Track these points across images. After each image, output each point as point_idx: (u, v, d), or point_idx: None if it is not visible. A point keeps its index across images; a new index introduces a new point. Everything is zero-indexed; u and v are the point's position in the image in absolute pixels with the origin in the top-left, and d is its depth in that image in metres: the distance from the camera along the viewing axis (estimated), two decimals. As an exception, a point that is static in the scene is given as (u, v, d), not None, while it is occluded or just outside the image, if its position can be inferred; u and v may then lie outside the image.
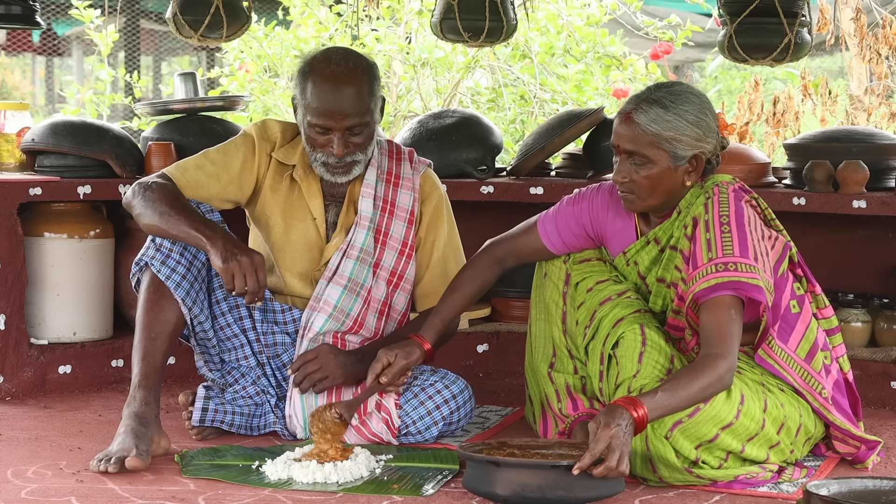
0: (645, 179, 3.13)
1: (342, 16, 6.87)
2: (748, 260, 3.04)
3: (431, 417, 3.36)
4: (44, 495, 2.91)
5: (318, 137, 3.36)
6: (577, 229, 3.36)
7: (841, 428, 3.24)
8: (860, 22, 7.00)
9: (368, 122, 3.37)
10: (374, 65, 3.43)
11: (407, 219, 3.53)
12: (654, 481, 3.04)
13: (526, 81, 6.77)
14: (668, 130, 3.09)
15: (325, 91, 3.33)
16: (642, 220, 3.29)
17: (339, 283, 3.45)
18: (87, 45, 12.36)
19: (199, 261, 3.34)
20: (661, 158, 3.11)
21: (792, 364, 3.19)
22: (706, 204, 3.14)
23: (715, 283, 3.02)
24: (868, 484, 2.67)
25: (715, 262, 3.05)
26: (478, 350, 4.39)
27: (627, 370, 3.09)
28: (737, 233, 3.07)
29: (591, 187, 3.39)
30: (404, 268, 3.53)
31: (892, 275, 4.30)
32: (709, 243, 3.08)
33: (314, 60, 3.39)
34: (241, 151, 3.49)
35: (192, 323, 3.34)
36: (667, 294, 3.23)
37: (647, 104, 3.11)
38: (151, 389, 3.23)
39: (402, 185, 3.54)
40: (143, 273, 3.33)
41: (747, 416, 3.05)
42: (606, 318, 3.21)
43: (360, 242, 3.47)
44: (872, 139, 4.23)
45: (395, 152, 3.59)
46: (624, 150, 3.13)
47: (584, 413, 3.31)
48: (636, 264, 3.28)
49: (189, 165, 3.46)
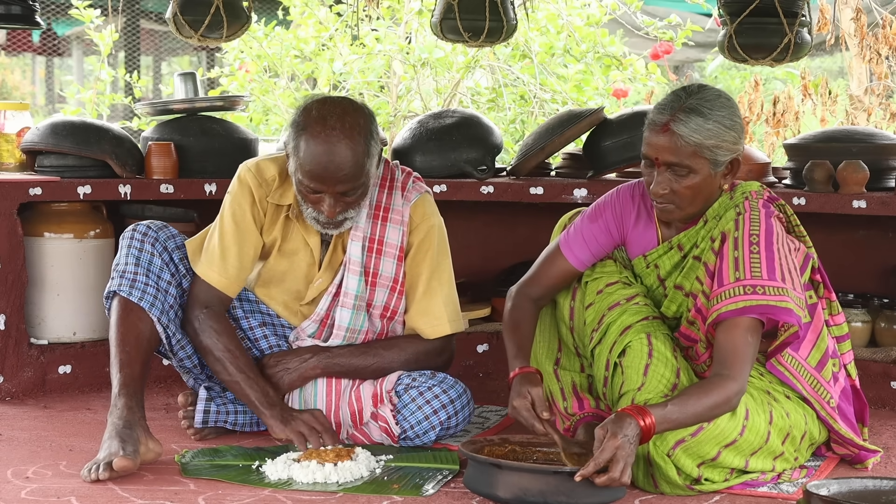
0: (687, 189, 3.07)
1: (342, 16, 6.87)
2: (776, 282, 3.01)
3: (429, 422, 3.35)
4: (44, 495, 2.91)
5: (309, 195, 3.27)
6: (606, 241, 3.30)
7: (844, 437, 3.24)
8: (860, 22, 6.99)
9: (363, 182, 3.26)
10: (371, 119, 3.28)
11: (396, 255, 3.45)
12: (656, 493, 3.03)
13: (526, 81, 6.77)
14: (710, 139, 3.03)
15: (317, 154, 3.19)
16: (663, 224, 3.25)
17: (339, 334, 3.44)
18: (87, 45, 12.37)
19: (164, 280, 3.36)
20: (702, 167, 3.05)
21: (802, 372, 3.18)
22: (737, 220, 3.09)
23: (743, 306, 2.99)
24: (868, 484, 2.67)
25: (743, 283, 3.01)
26: (478, 350, 4.38)
27: (632, 382, 3.07)
28: (765, 253, 3.03)
29: (608, 196, 3.33)
30: (396, 303, 3.48)
31: (892, 275, 4.30)
32: (736, 262, 3.04)
33: (309, 116, 3.24)
34: (247, 212, 3.41)
35: (169, 342, 3.36)
36: (683, 302, 3.20)
37: (685, 113, 3.03)
38: (133, 396, 3.20)
39: (392, 218, 3.46)
40: (113, 301, 3.34)
41: (752, 431, 3.03)
42: (614, 324, 3.18)
43: (353, 289, 3.42)
44: (872, 139, 4.23)
45: (388, 179, 3.49)
46: (663, 162, 3.06)
47: (590, 413, 3.30)
48: (657, 268, 3.25)
49: (216, 258, 3.38)
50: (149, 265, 3.34)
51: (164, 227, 3.44)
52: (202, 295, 3.38)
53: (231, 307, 3.50)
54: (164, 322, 3.32)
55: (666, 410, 2.85)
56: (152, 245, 3.37)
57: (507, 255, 4.60)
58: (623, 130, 4.25)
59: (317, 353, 3.42)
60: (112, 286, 3.33)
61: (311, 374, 3.41)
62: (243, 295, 3.52)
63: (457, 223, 3.69)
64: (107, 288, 3.35)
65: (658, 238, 3.25)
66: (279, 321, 3.52)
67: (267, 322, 3.51)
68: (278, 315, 3.52)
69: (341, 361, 3.42)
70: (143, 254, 3.35)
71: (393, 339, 3.49)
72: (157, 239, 3.38)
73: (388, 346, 3.46)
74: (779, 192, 4.11)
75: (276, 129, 7.12)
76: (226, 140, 4.35)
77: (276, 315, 3.52)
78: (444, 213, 3.58)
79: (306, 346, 3.45)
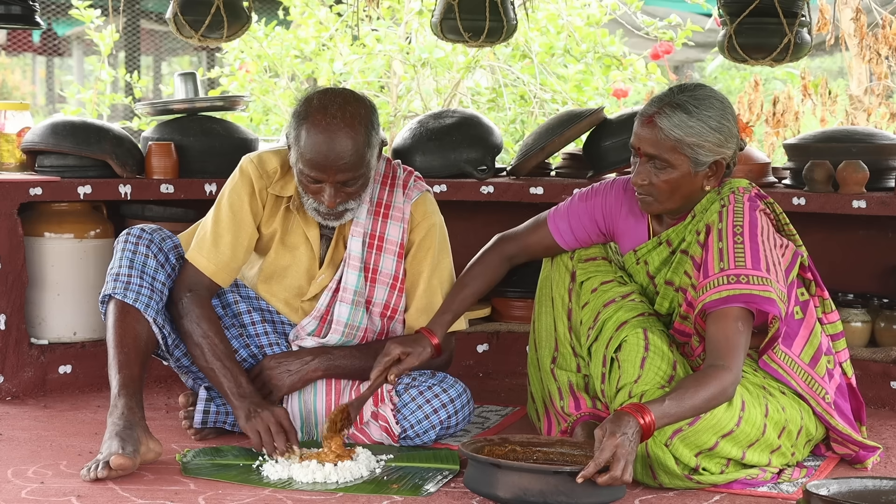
0: (664, 183, 3.11)
1: (342, 16, 6.87)
2: (760, 272, 3.02)
3: (429, 421, 3.36)
4: (44, 495, 2.91)
5: (310, 185, 3.27)
6: (589, 225, 3.35)
7: (842, 433, 3.24)
8: (860, 22, 6.99)
9: (363, 173, 3.26)
10: (372, 110, 3.28)
11: (396, 252, 3.46)
12: (655, 486, 3.04)
13: (526, 81, 6.77)
14: (691, 136, 3.06)
15: (318, 142, 3.20)
16: (655, 220, 3.27)
17: (338, 329, 3.44)
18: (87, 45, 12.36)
19: (159, 281, 3.35)
20: (681, 163, 3.09)
21: (796, 368, 3.18)
22: (720, 212, 3.11)
23: (727, 295, 3.01)
24: (868, 484, 2.67)
25: (727, 273, 3.03)
26: (478, 350, 4.39)
27: (629, 375, 3.08)
28: (749, 244, 3.05)
29: (604, 183, 3.37)
30: (397, 301, 3.48)
31: (892, 275, 4.30)
32: (721, 253, 3.06)
33: (310, 105, 3.25)
34: (245, 202, 3.41)
35: (165, 342, 3.36)
36: (675, 297, 3.22)
37: (671, 108, 3.07)
38: (132, 397, 3.20)
39: (392, 215, 3.46)
40: (109, 304, 3.34)
41: (748, 422, 3.05)
42: (610, 320, 3.20)
43: (352, 285, 3.42)
44: (872, 139, 4.23)
45: (390, 176, 3.50)
46: (644, 153, 3.11)
47: (587, 413, 3.30)
48: (646, 264, 3.27)
49: (207, 243, 3.39)
50: (143, 267, 3.34)
51: (158, 229, 3.43)
52: (189, 279, 3.37)
53: (233, 301, 3.50)
54: (160, 322, 3.32)
55: (664, 406, 2.85)
56: (147, 247, 3.36)
57: (507, 255, 4.59)
58: (623, 130, 4.25)
59: (318, 356, 3.42)
60: (106, 290, 3.32)
61: (313, 376, 3.41)
62: (244, 292, 3.52)
63: (457, 223, 3.69)
64: (101, 292, 3.34)
65: (649, 233, 3.28)
66: (279, 318, 3.52)
67: (267, 319, 3.51)
68: (278, 312, 3.52)
69: (342, 363, 3.42)
70: (136, 256, 3.34)
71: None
72: (151, 241, 3.38)
73: None
74: (779, 192, 4.11)
75: (276, 129, 7.13)
76: (226, 140, 4.35)
77: (276, 312, 3.52)
78: (444, 212, 3.58)
79: (307, 349, 3.44)
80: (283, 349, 3.49)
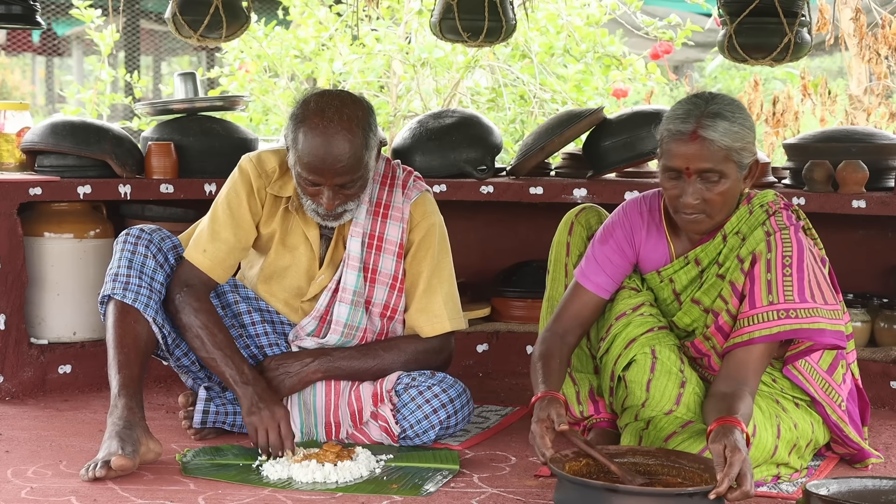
0: (719, 196, 3.04)
1: (342, 16, 6.87)
2: (807, 304, 3.03)
3: (429, 421, 3.36)
4: (44, 495, 2.91)
5: (308, 188, 3.27)
6: (620, 260, 3.24)
7: (851, 440, 3.25)
8: (860, 22, 6.99)
9: (361, 175, 3.25)
10: (370, 111, 3.28)
11: (396, 252, 3.45)
12: None
13: (526, 81, 6.77)
14: (737, 141, 3.01)
15: (315, 146, 3.19)
16: (674, 237, 3.22)
17: (337, 330, 3.44)
18: (87, 45, 12.36)
19: (158, 281, 3.35)
20: (732, 171, 3.03)
21: (815, 376, 3.18)
22: (768, 241, 3.07)
23: (778, 332, 3.03)
24: (868, 484, 2.67)
25: (776, 308, 3.03)
26: (477, 350, 4.39)
27: (636, 397, 3.10)
28: (796, 275, 3.04)
29: (615, 216, 3.28)
30: (396, 301, 3.47)
31: (892, 275, 4.30)
32: (769, 285, 3.04)
33: (307, 108, 3.24)
34: (243, 200, 3.41)
35: (165, 341, 3.36)
36: (700, 317, 3.18)
37: (710, 119, 3.00)
38: (133, 397, 3.20)
39: (392, 215, 3.46)
40: (108, 305, 3.33)
41: (758, 448, 3.05)
42: (619, 336, 3.18)
43: (352, 285, 3.42)
44: (872, 139, 4.23)
45: (389, 176, 3.50)
46: (695, 171, 3.02)
47: (606, 417, 3.29)
48: (671, 282, 3.23)
49: (204, 240, 3.39)
50: (142, 267, 3.33)
51: (157, 229, 3.43)
52: (185, 275, 3.38)
53: (233, 302, 3.50)
54: (160, 322, 3.32)
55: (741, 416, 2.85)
56: (146, 247, 3.36)
57: (506, 255, 4.60)
58: (623, 130, 4.25)
59: (318, 357, 3.41)
60: (105, 290, 3.32)
61: (313, 377, 3.41)
62: (243, 292, 3.53)
63: (457, 223, 3.69)
64: (101, 292, 3.34)
65: (670, 252, 3.23)
66: (279, 318, 3.52)
67: (267, 319, 3.52)
68: (278, 312, 3.52)
69: (342, 364, 3.42)
70: (135, 256, 3.34)
71: (392, 339, 3.49)
72: (150, 241, 3.38)
73: (388, 347, 3.46)
74: (779, 191, 4.11)
75: (276, 129, 7.13)
76: (226, 140, 4.35)
77: (276, 312, 3.52)
78: (444, 212, 3.58)
79: (307, 350, 3.44)
80: (283, 349, 3.49)
